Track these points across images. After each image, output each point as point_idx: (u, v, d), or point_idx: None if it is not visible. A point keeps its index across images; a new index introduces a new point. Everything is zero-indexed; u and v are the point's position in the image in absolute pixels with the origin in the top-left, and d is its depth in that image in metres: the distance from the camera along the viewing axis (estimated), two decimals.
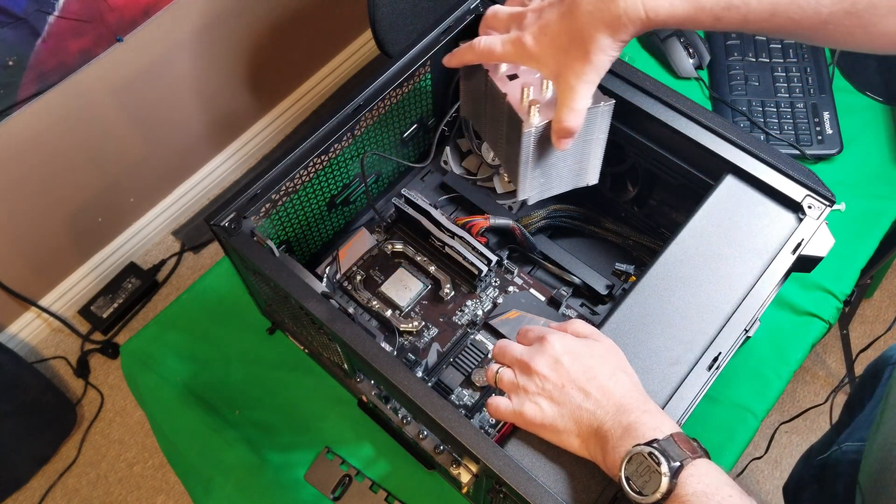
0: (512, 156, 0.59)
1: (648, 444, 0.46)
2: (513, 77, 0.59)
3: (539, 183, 0.61)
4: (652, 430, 0.47)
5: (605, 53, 0.51)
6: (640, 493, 0.46)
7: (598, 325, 0.60)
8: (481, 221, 0.79)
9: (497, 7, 0.59)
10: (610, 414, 0.49)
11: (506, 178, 0.85)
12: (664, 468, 0.45)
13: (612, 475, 0.48)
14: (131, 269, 1.64)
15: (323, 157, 0.71)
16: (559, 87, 0.53)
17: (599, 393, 0.50)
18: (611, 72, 0.71)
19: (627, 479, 0.46)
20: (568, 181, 0.62)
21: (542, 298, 0.78)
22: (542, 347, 0.53)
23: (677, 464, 0.45)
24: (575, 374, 0.51)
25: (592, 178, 0.63)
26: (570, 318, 0.78)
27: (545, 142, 0.57)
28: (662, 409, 0.56)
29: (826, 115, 0.96)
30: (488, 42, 0.56)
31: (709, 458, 0.48)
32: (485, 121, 0.65)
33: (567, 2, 0.51)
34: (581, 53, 0.51)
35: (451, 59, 0.62)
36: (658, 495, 0.44)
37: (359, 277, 0.79)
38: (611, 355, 0.54)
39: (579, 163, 0.61)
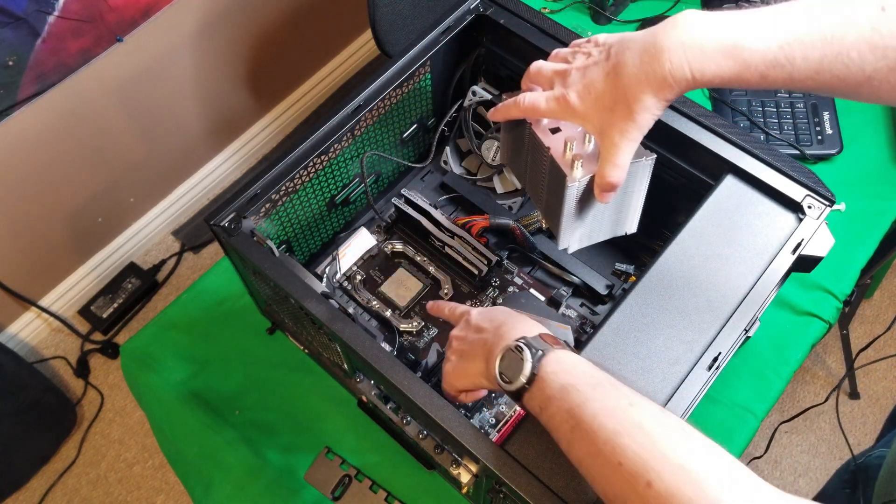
0: (553, 207, 0.60)
1: (516, 341, 0.52)
2: (555, 130, 0.60)
3: (580, 233, 0.62)
4: (522, 333, 0.53)
5: (649, 112, 0.51)
6: (508, 383, 0.51)
7: (598, 325, 0.60)
8: (481, 221, 0.79)
9: (541, 63, 0.59)
10: (495, 335, 0.56)
11: (507, 178, 0.85)
12: (527, 355, 0.50)
13: (492, 379, 0.53)
14: (131, 269, 1.64)
15: (323, 157, 0.71)
16: (603, 144, 0.54)
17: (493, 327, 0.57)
18: None
19: (501, 374, 0.51)
20: (607, 231, 0.63)
21: (542, 298, 0.78)
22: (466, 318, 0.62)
23: (539, 352, 0.50)
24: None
25: (631, 227, 0.64)
26: (570, 318, 0.78)
27: (587, 195, 0.58)
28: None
29: (826, 115, 0.96)
30: (533, 99, 0.57)
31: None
32: (525, 169, 0.65)
33: (612, 61, 0.52)
34: (625, 112, 0.51)
35: (496, 114, 0.62)
36: (522, 378, 0.49)
37: (359, 277, 0.79)
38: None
39: (619, 213, 0.62)
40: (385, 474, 0.76)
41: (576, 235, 0.62)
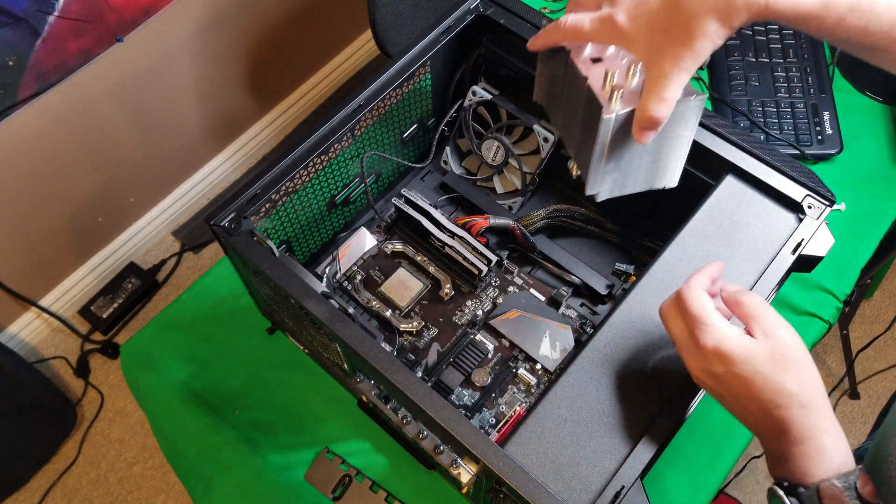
0: (585, 146, 0.54)
1: (788, 489, 0.46)
2: (596, 61, 0.53)
3: (612, 178, 0.55)
4: (803, 468, 0.46)
5: (709, 40, 0.45)
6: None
7: (598, 325, 0.60)
8: (481, 221, 0.79)
9: None
10: (762, 424, 0.49)
11: (507, 178, 0.85)
12: None
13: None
14: (131, 269, 1.64)
15: (323, 157, 0.71)
16: (650, 73, 0.48)
17: (752, 403, 0.48)
18: None
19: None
20: (643, 180, 0.57)
21: (542, 298, 0.78)
22: (697, 346, 0.49)
23: None
24: (730, 387, 0.49)
25: (672, 180, 0.57)
26: (570, 318, 0.78)
27: (625, 133, 0.52)
28: (662, 409, 0.56)
29: (826, 115, 0.96)
30: (576, 20, 0.51)
31: None
32: (559, 107, 0.60)
33: None
34: (682, 36, 0.45)
35: (536, 42, 0.56)
36: None
37: (359, 277, 0.79)
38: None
39: (659, 161, 0.56)
40: (385, 474, 0.76)
41: (607, 181, 0.55)
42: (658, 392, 0.57)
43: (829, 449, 0.46)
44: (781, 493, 0.46)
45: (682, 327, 0.50)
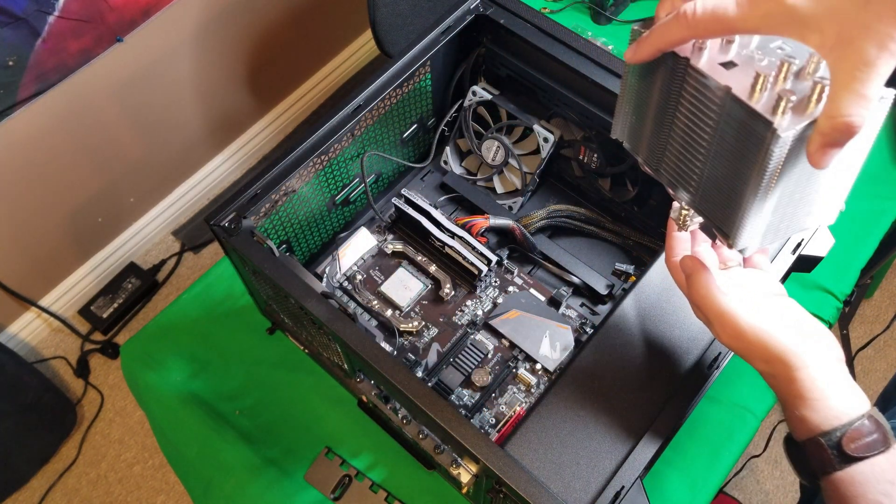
0: (727, 186, 0.41)
1: (824, 434, 0.46)
2: (729, 66, 0.39)
3: (768, 223, 0.42)
4: (835, 409, 0.46)
5: None
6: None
7: (598, 326, 0.60)
8: (481, 221, 0.79)
9: None
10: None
11: (507, 178, 0.85)
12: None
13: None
14: (131, 269, 1.64)
15: (323, 157, 0.71)
16: (841, 64, 0.34)
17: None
18: (610, 71, 0.71)
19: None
20: (799, 219, 0.43)
21: (542, 298, 0.78)
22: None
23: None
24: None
25: (832, 213, 0.44)
26: (570, 318, 0.78)
27: (794, 158, 0.38)
28: (662, 409, 0.56)
29: None
30: (714, 5, 0.36)
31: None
32: (664, 140, 0.45)
33: None
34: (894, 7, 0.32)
35: (642, 49, 0.42)
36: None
37: (359, 277, 0.79)
38: None
39: (831, 189, 0.42)
40: (385, 474, 0.76)
41: (761, 227, 0.41)
42: (658, 392, 0.57)
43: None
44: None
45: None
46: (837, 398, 0.46)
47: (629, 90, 0.47)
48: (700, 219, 0.47)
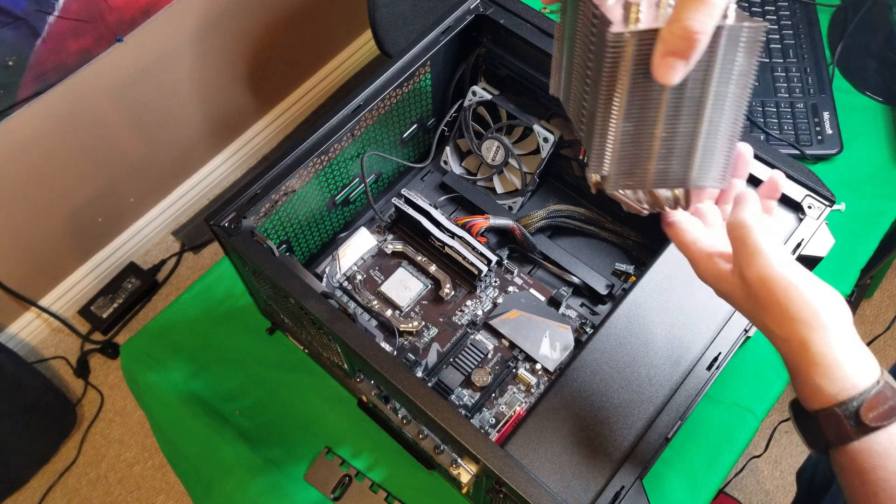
0: (592, 102, 0.41)
1: (840, 404, 0.43)
2: None
3: (627, 154, 0.40)
4: (850, 376, 0.43)
5: None
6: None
7: (598, 326, 0.60)
8: (481, 221, 0.79)
9: None
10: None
11: (507, 178, 0.85)
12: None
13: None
14: (131, 269, 1.64)
15: (323, 157, 0.71)
16: None
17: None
18: None
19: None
20: (673, 171, 0.40)
21: (542, 298, 0.78)
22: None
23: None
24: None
25: (712, 173, 0.41)
26: (570, 318, 0.78)
27: (643, 78, 0.37)
28: (662, 409, 0.56)
29: (826, 115, 0.96)
30: None
31: None
32: (570, 76, 0.46)
33: None
34: None
35: None
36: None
37: (359, 277, 0.79)
38: None
39: (694, 136, 0.39)
40: (385, 474, 0.76)
41: (619, 156, 0.40)
42: (658, 392, 0.57)
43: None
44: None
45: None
46: (852, 364, 0.43)
47: (556, 41, 0.48)
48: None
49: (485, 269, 0.75)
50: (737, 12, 0.36)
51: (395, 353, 0.75)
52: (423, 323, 0.77)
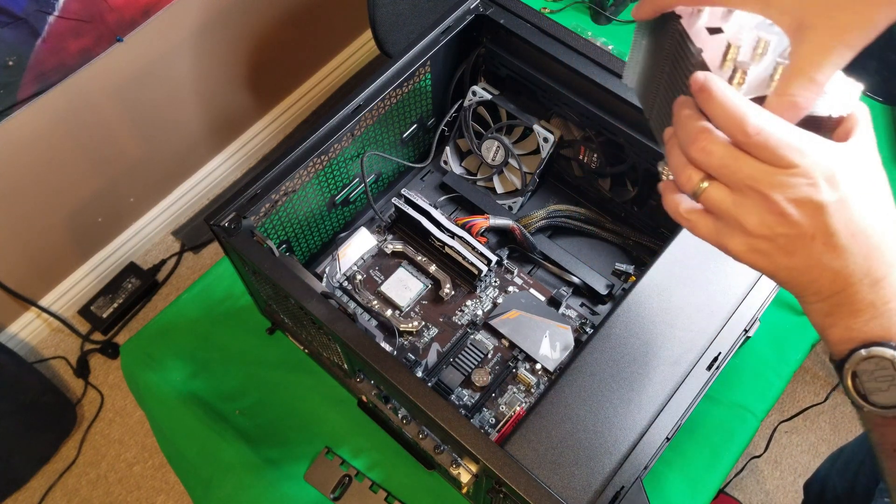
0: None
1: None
2: (715, 31, 0.42)
3: None
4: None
5: (892, 7, 0.34)
6: (864, 398, 0.39)
7: (598, 326, 0.60)
8: (481, 221, 0.79)
9: None
10: (861, 273, 0.38)
11: (507, 178, 0.85)
12: None
13: (832, 351, 0.41)
14: (131, 269, 1.64)
15: (323, 157, 0.71)
16: (800, 45, 0.36)
17: (857, 247, 0.37)
18: (610, 71, 0.71)
19: (854, 377, 0.39)
20: None
21: (542, 298, 0.78)
22: (796, 175, 0.36)
23: None
24: (836, 225, 0.37)
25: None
26: (570, 318, 0.78)
27: None
28: (662, 409, 0.56)
29: None
30: None
31: None
32: (656, 94, 0.48)
33: None
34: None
35: (644, 7, 0.45)
36: (887, 412, 0.38)
37: (359, 277, 0.79)
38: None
39: None
40: (385, 474, 0.76)
41: None
42: (658, 392, 0.57)
43: None
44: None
45: (752, 164, 0.37)
46: None
47: (635, 43, 0.50)
48: None
49: (485, 269, 0.75)
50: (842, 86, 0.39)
51: (395, 353, 0.75)
52: (423, 323, 0.77)
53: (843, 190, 0.36)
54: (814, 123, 0.39)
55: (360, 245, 0.80)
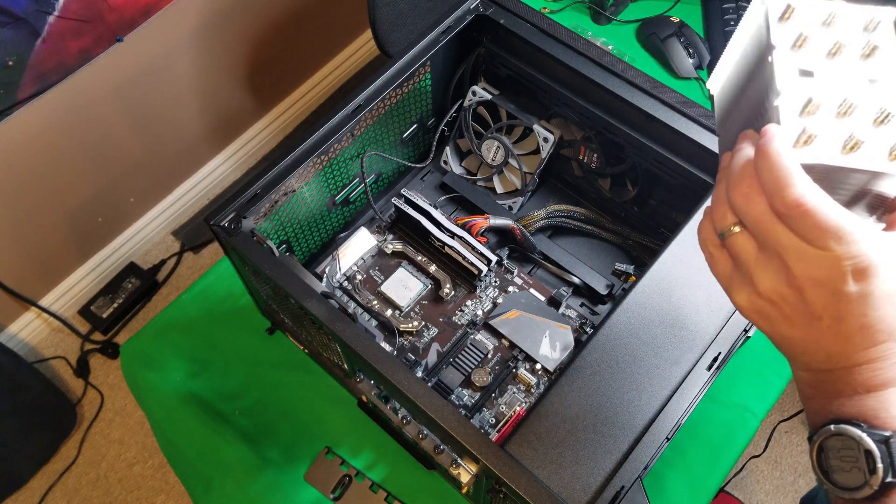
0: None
1: (873, 435, 0.36)
2: (807, 74, 0.40)
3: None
4: (891, 410, 0.37)
5: None
6: (826, 475, 0.38)
7: (598, 326, 0.60)
8: (481, 221, 0.79)
9: None
10: (856, 362, 0.37)
11: (507, 178, 0.85)
12: (875, 479, 0.36)
13: (808, 421, 0.41)
14: (131, 269, 1.64)
15: (323, 157, 0.71)
16: None
17: (862, 340, 0.37)
18: (610, 71, 0.71)
19: (820, 451, 0.39)
20: None
21: (542, 298, 0.78)
22: (825, 259, 0.35)
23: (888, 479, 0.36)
24: (848, 315, 0.36)
25: None
26: (570, 318, 0.78)
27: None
28: (662, 409, 0.56)
29: None
30: None
31: None
32: (734, 112, 0.46)
33: None
34: None
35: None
36: (850, 497, 0.37)
37: (359, 277, 0.79)
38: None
39: None
40: (385, 474, 0.76)
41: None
42: (658, 392, 0.57)
43: None
44: (865, 436, 0.36)
45: (783, 231, 0.36)
46: None
47: (731, 49, 0.45)
48: None
49: (485, 269, 0.75)
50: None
51: (395, 353, 0.75)
52: (423, 323, 0.77)
53: (869, 285, 0.35)
54: (876, 199, 0.39)
55: (360, 245, 0.80)
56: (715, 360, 0.58)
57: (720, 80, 0.48)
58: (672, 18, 1.07)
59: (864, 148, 0.37)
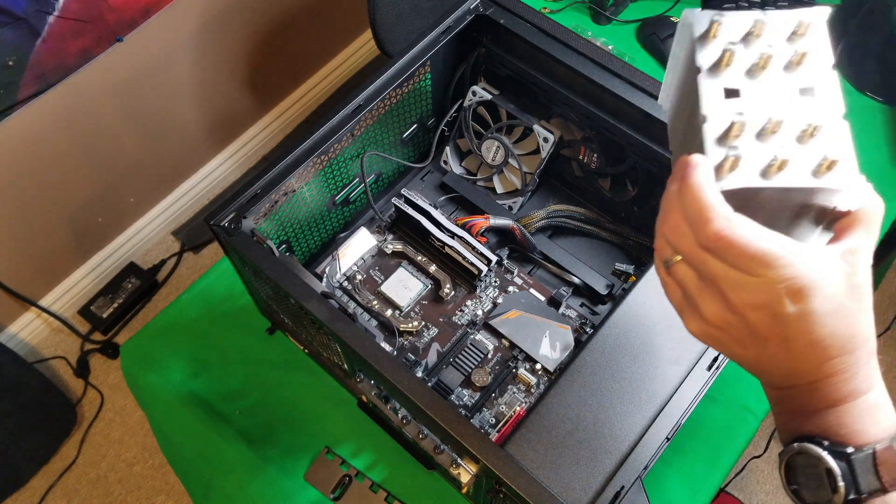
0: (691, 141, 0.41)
1: (834, 453, 0.37)
2: (732, 94, 0.39)
3: None
4: (853, 426, 0.37)
5: None
6: (795, 493, 0.39)
7: (598, 326, 0.60)
8: (481, 221, 0.79)
9: None
10: (813, 377, 0.38)
11: (507, 178, 0.85)
12: (837, 497, 0.37)
13: (780, 437, 0.42)
14: (131, 269, 1.64)
15: (323, 157, 0.71)
16: None
17: (814, 356, 0.37)
18: (611, 71, 0.71)
19: (788, 467, 0.40)
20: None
21: (542, 298, 0.78)
22: (757, 285, 0.36)
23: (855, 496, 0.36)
24: (792, 334, 0.36)
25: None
26: (570, 318, 0.78)
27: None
28: (662, 409, 0.56)
29: None
30: None
31: None
32: (678, 131, 0.46)
33: None
34: None
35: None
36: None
37: (359, 277, 0.79)
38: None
39: None
40: (385, 474, 0.76)
41: None
42: (658, 392, 0.57)
43: (883, 405, 0.39)
44: (825, 454, 0.37)
45: (713, 262, 0.36)
46: (883, 394, 0.38)
47: (671, 66, 0.46)
48: None
49: (485, 269, 0.75)
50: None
51: (395, 353, 0.75)
52: (423, 323, 0.77)
53: (807, 304, 0.35)
54: (818, 212, 0.39)
55: (360, 245, 0.80)
56: (715, 359, 0.58)
57: (666, 100, 0.47)
58: (672, 18, 1.07)
59: (790, 166, 0.37)
